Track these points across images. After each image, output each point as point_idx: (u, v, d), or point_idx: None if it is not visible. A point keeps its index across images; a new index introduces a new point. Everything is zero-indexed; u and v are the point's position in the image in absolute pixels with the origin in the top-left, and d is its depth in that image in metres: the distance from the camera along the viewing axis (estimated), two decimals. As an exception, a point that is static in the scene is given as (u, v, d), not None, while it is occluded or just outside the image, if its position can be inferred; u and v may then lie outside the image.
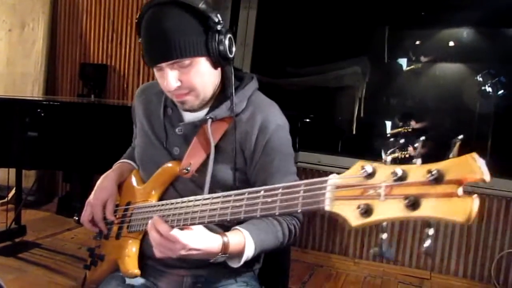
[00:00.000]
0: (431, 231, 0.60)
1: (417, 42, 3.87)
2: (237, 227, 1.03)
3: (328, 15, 3.73)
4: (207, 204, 0.90)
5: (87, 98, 3.47)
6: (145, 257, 1.14)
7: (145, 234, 1.11)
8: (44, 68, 3.73)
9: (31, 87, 3.70)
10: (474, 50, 3.55)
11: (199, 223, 0.92)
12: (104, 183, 1.21)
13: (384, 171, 0.62)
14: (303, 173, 3.22)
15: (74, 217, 1.23)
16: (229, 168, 1.10)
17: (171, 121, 1.18)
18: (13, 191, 3.24)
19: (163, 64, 1.03)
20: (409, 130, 3.40)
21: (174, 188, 1.14)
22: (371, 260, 3.08)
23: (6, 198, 3.36)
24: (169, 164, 1.14)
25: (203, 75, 1.06)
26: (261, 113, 1.11)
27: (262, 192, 0.81)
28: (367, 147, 3.53)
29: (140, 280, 1.15)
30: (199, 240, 0.94)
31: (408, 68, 3.77)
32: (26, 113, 2.14)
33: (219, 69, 1.11)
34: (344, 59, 3.72)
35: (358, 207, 0.63)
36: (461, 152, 0.60)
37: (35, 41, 3.71)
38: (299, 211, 0.73)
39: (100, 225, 1.19)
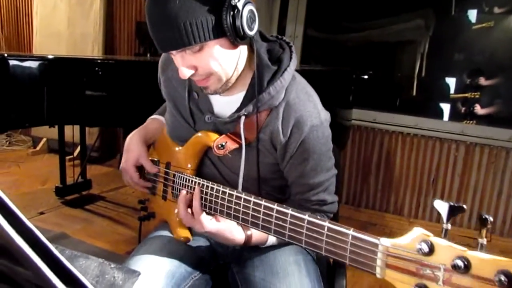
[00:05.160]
0: None
1: (490, -9, 3.62)
2: None
3: (388, -36, 3.57)
4: (249, 207, 0.91)
5: (143, 56, 3.61)
6: None
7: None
8: (103, 28, 3.89)
9: (91, 47, 3.89)
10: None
11: (232, 219, 0.96)
12: (130, 146, 1.21)
13: (444, 252, 0.60)
14: (358, 130, 3.22)
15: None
16: (262, 163, 1.06)
17: (199, 106, 1.11)
18: (78, 148, 3.49)
19: (173, 52, 0.95)
20: (477, 96, 3.26)
21: (210, 161, 1.12)
22: (427, 220, 3.08)
23: (73, 155, 3.63)
24: (203, 135, 1.09)
25: (220, 59, 0.95)
26: (295, 112, 1.02)
27: (305, 223, 0.80)
28: (428, 106, 3.43)
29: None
30: (222, 231, 1.01)
31: (478, 20, 3.56)
32: (85, 72, 2.27)
33: (244, 47, 1.00)
34: (406, 11, 3.58)
35: (417, 286, 0.62)
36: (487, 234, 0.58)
37: (93, 1, 3.86)
38: (347, 264, 0.72)
39: (140, 185, 1.22)
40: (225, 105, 1.08)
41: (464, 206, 0.62)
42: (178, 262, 1.07)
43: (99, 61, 2.47)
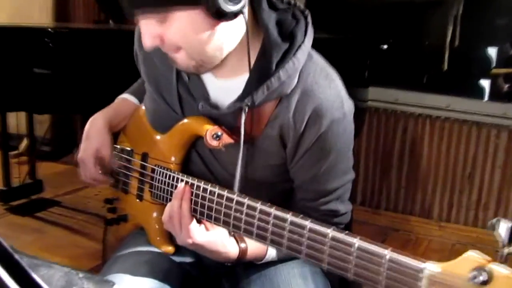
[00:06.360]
0: None
1: None
2: None
3: None
4: (244, 212, 0.90)
5: (105, 24, 3.58)
6: None
7: None
8: (53, -11, 3.85)
9: (38, 13, 3.84)
10: None
11: (232, 229, 0.94)
12: (91, 132, 1.21)
13: (505, 283, 0.59)
14: (376, 113, 3.23)
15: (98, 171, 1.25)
16: (267, 165, 1.07)
17: (190, 91, 1.09)
18: (25, 141, 3.47)
19: (136, 15, 0.96)
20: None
21: (199, 157, 1.12)
22: (461, 224, 3.10)
23: (18, 150, 3.61)
24: (193, 121, 1.08)
25: (190, 34, 0.94)
26: (312, 100, 1.01)
27: (328, 239, 0.78)
28: (462, 83, 3.45)
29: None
30: (213, 243, 1.00)
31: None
32: (31, 44, 2.24)
33: (237, 23, 0.97)
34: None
35: None
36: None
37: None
38: None
39: (98, 181, 1.22)
40: (223, 91, 1.06)
41: None
42: (162, 280, 1.07)
43: (49, 29, 2.44)
